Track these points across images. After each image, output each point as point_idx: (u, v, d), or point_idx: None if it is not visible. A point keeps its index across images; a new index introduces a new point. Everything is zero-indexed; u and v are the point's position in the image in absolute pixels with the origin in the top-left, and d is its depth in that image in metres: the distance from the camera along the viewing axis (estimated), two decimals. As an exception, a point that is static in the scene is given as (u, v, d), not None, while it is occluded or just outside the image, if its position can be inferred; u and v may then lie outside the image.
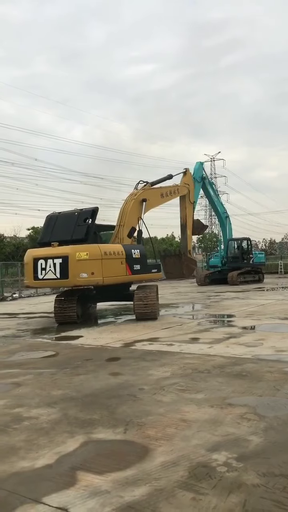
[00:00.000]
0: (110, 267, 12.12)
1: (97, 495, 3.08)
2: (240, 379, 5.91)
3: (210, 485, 3.15)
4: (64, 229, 12.91)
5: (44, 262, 12.22)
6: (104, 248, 12.27)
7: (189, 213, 20.40)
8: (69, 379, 6.34)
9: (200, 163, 27.48)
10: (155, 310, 12.72)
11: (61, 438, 4.15)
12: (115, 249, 12.74)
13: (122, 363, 7.23)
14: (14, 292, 26.93)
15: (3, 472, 3.51)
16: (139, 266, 13.32)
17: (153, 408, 4.89)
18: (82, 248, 11.85)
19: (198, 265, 45.99)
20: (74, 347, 8.96)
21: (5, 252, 42.17)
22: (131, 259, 12.99)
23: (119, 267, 12.49)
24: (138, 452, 3.77)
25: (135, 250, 13.38)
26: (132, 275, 13.06)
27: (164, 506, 2.90)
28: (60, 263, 11.83)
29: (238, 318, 12.21)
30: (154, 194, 16.51)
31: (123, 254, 12.71)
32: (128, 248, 13.29)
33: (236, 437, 3.99)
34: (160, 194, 16.97)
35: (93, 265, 11.72)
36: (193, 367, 6.71)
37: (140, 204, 14.93)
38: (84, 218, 12.83)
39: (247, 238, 32.49)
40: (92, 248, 11.98)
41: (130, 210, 14.47)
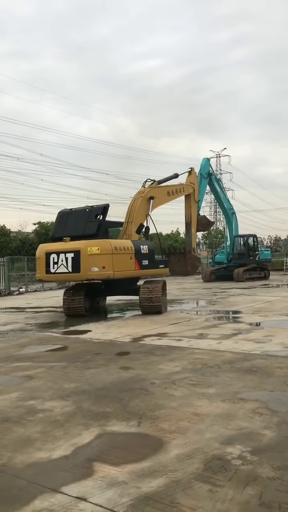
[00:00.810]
0: (120, 261, 12.41)
1: (115, 486, 3.13)
2: (251, 375, 5.95)
3: (226, 478, 3.19)
4: (75, 225, 13.27)
5: (57, 257, 12.59)
6: (115, 244, 12.53)
7: (194, 212, 20.63)
8: (80, 373, 6.40)
9: (207, 159, 27.48)
10: (160, 305, 12.89)
11: (76, 430, 4.20)
12: (125, 244, 13.02)
13: (132, 358, 7.28)
14: (20, 287, 27.07)
15: (21, 462, 3.57)
16: (147, 261, 13.63)
17: (165, 402, 4.93)
18: (93, 243, 12.17)
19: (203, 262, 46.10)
20: (83, 341, 9.03)
21: (11, 247, 42.30)
22: (140, 255, 13.30)
23: (128, 262, 12.80)
24: (153, 445, 3.82)
25: (143, 246, 13.69)
26: (140, 270, 13.39)
27: (181, 497, 2.95)
28: (72, 258, 12.20)
29: (245, 315, 12.23)
30: (161, 192, 16.70)
31: (132, 249, 13.03)
32: (137, 244, 13.60)
33: (250, 431, 4.03)
34: (166, 192, 17.18)
35: (104, 259, 12.04)
36: (203, 362, 6.75)
37: (148, 201, 15.14)
38: (95, 214, 13.16)
39: (253, 235, 32.47)
40: (103, 243, 12.27)
41: (138, 207, 14.68)
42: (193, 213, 20.55)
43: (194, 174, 20.79)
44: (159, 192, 16.43)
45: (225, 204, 29.73)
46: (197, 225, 24.38)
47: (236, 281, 27.82)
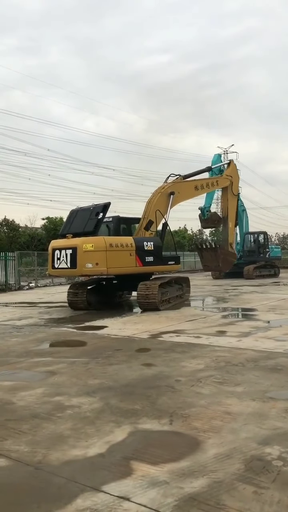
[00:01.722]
0: (117, 258, 12.68)
1: (157, 486, 3.07)
2: (276, 373, 5.88)
3: (269, 479, 3.12)
4: (79, 222, 13.63)
5: (59, 253, 13.15)
6: (110, 240, 12.84)
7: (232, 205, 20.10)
8: (103, 369, 6.35)
9: (218, 155, 27.34)
10: (155, 301, 12.86)
11: (107, 428, 4.15)
12: (123, 241, 13.27)
13: (152, 354, 7.22)
14: (30, 282, 27.10)
15: (57, 459, 3.52)
16: (152, 258, 13.75)
17: (194, 400, 4.87)
18: (88, 240, 12.57)
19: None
20: (101, 337, 8.98)
21: (20, 242, 42.36)
22: (142, 251, 13.46)
23: (127, 259, 13.02)
24: (188, 444, 3.76)
25: (148, 242, 13.80)
26: (143, 266, 13.50)
27: (226, 498, 2.89)
28: (70, 254, 12.70)
29: (260, 312, 12.15)
30: (187, 187, 16.66)
31: (133, 246, 13.22)
32: (140, 240, 13.74)
33: (285, 431, 3.96)
34: (194, 187, 17.10)
35: (97, 256, 12.39)
36: (225, 360, 6.69)
37: (168, 197, 15.07)
38: (96, 212, 13.39)
39: (263, 232, 32.32)
40: (97, 240, 12.62)
41: (156, 203, 14.68)
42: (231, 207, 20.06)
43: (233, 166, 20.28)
44: (183, 186, 16.38)
45: (236, 201, 29.52)
46: (209, 221, 24.27)
47: (246, 279, 27.71)
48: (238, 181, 20.69)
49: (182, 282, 16.05)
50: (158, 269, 14.53)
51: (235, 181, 20.11)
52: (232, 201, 20.02)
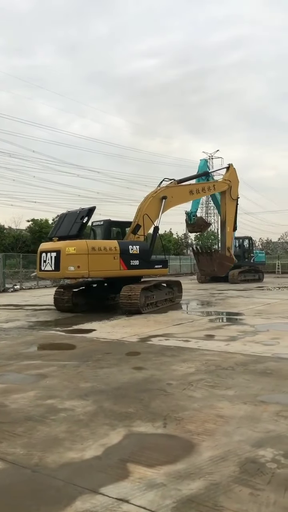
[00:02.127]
0: (100, 261, 12.86)
1: (154, 488, 3.11)
2: (266, 377, 5.97)
3: (264, 481, 3.19)
4: (66, 226, 13.86)
5: (45, 255, 13.35)
6: (93, 244, 13.07)
7: (230, 210, 20.05)
8: (94, 372, 6.37)
9: (205, 161, 27.49)
10: (137, 303, 12.98)
11: (102, 430, 4.17)
12: (107, 245, 13.47)
13: (143, 358, 7.26)
14: (15, 284, 26.89)
15: (53, 462, 3.54)
16: (138, 261, 13.89)
17: (186, 403, 4.93)
18: (71, 244, 12.79)
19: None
20: (90, 340, 8.98)
21: (5, 243, 42.01)
22: (127, 255, 13.61)
23: (111, 262, 13.20)
24: (183, 446, 3.81)
25: (133, 246, 13.95)
26: (128, 270, 13.64)
27: (224, 500, 2.94)
28: (54, 257, 12.90)
29: (247, 316, 12.27)
30: (181, 191, 16.82)
31: (117, 249, 13.37)
32: (125, 244, 13.91)
33: (278, 434, 4.03)
34: (189, 191, 17.25)
35: (79, 259, 12.56)
36: (215, 363, 6.76)
37: (160, 201, 15.24)
38: (82, 216, 13.58)
39: (248, 237, 32.61)
40: (79, 243, 12.83)
41: (147, 207, 14.83)
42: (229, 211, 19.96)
43: (232, 170, 20.21)
44: (177, 191, 16.53)
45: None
46: (195, 226, 24.42)
47: (231, 283, 27.91)
48: (237, 185, 20.63)
49: (173, 285, 16.17)
50: (144, 273, 14.66)
51: (234, 185, 20.10)
52: (230, 206, 20.02)
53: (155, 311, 13.84)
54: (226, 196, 19.67)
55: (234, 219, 20.59)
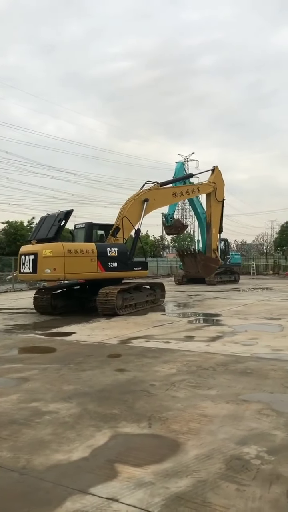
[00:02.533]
0: (76, 264, 12.95)
1: (143, 486, 3.16)
2: (247, 377, 6.08)
3: (249, 477, 3.27)
4: (45, 228, 13.91)
5: (24, 258, 13.47)
6: (69, 247, 13.12)
7: (215, 212, 20.13)
8: (76, 375, 6.37)
9: (181, 163, 27.75)
10: (114, 306, 13.04)
11: (88, 432, 4.20)
12: (84, 247, 13.56)
13: (124, 360, 7.29)
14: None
15: (41, 464, 3.55)
16: (116, 264, 13.98)
17: (170, 403, 4.99)
18: (48, 246, 12.88)
19: (173, 265, 46.40)
20: (70, 343, 8.97)
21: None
22: (104, 257, 13.72)
23: (88, 265, 13.31)
24: (169, 446, 3.87)
25: (111, 249, 14.07)
26: (106, 272, 13.74)
27: (211, 496, 3.01)
28: (32, 259, 13.02)
29: (225, 317, 12.43)
30: (164, 194, 17.02)
31: (94, 252, 13.47)
32: (103, 246, 14.04)
33: (260, 431, 4.13)
34: (172, 193, 17.44)
35: (55, 262, 12.62)
36: (196, 364, 6.84)
37: (141, 204, 15.39)
38: (59, 219, 13.67)
39: (224, 239, 32.91)
40: (55, 246, 12.88)
41: (128, 209, 14.99)
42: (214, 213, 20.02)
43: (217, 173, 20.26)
44: (159, 194, 16.73)
45: (198, 208, 29.98)
46: (172, 228, 24.58)
47: (208, 284, 28.12)
48: (223, 187, 20.75)
49: (155, 287, 16.30)
50: (123, 275, 14.72)
51: (220, 188, 20.22)
52: (215, 207, 20.11)
53: (134, 313, 13.87)
54: (211, 198, 19.83)
55: (220, 221, 20.71)
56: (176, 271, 36.02)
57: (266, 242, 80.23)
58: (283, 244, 72.80)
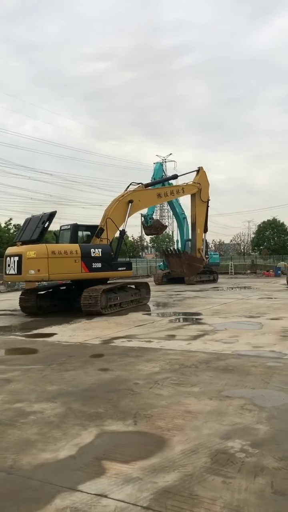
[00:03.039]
0: (60, 265, 13.10)
1: (131, 482, 3.20)
2: (229, 373, 6.18)
3: (235, 470, 3.35)
4: (29, 230, 14.11)
5: (10, 259, 13.62)
6: (53, 248, 13.32)
7: (200, 212, 20.21)
8: (59, 375, 6.37)
9: (160, 164, 27.95)
10: (97, 304, 13.18)
11: (74, 431, 4.22)
12: (68, 248, 13.76)
13: (107, 359, 7.32)
14: None
15: (28, 464, 3.56)
16: (100, 264, 14.17)
17: (154, 401, 5.04)
18: (32, 248, 13.08)
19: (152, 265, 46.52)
20: (52, 344, 8.94)
21: None
22: (88, 258, 13.92)
23: (72, 265, 13.46)
24: (155, 442, 3.92)
25: (95, 249, 14.26)
26: (90, 272, 13.94)
27: (199, 489, 3.07)
28: (17, 261, 13.18)
29: (205, 316, 12.56)
30: (148, 195, 17.32)
31: (78, 253, 13.65)
32: (87, 247, 14.21)
33: (244, 426, 4.22)
34: (157, 194, 17.70)
35: (39, 263, 12.81)
36: (179, 362, 6.92)
37: (126, 205, 15.64)
38: (43, 220, 13.83)
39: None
40: (39, 247, 13.08)
41: (113, 211, 15.23)
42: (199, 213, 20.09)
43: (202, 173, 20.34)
44: (145, 194, 17.01)
45: (177, 208, 30.26)
46: (152, 228, 24.66)
47: (187, 284, 28.32)
48: (208, 188, 20.88)
49: (140, 287, 16.57)
50: (107, 275, 14.86)
51: (205, 188, 20.35)
52: (200, 208, 20.21)
53: (118, 312, 13.95)
54: (196, 198, 19.95)
55: (205, 221, 20.84)
56: (156, 271, 36.18)
57: (243, 242, 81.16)
58: (260, 244, 73.88)
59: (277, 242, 71.62)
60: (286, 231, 72.37)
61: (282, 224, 72.67)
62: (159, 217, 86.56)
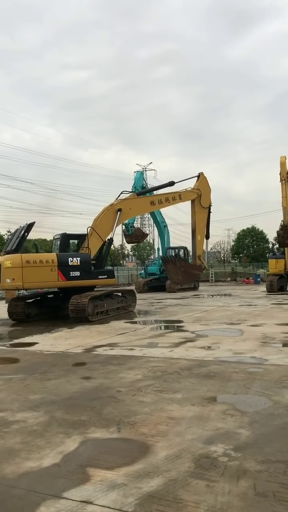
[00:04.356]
0: (35, 274, 13.60)
1: (116, 488, 3.22)
2: (211, 379, 6.25)
3: (218, 473, 3.40)
4: (13, 240, 14.81)
5: None
6: (27, 257, 13.83)
7: (200, 218, 19.77)
8: (41, 384, 6.34)
9: (140, 173, 28.09)
10: (85, 313, 13.52)
11: (58, 439, 4.22)
12: (44, 257, 14.32)
13: (89, 368, 7.32)
14: None
15: (12, 472, 3.55)
16: (79, 272, 14.49)
17: (137, 408, 5.07)
18: (9, 258, 13.71)
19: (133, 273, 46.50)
20: (33, 354, 8.88)
21: None
22: (66, 267, 14.28)
23: (48, 274, 13.90)
24: (139, 448, 3.95)
25: (73, 258, 14.60)
26: (67, 281, 14.29)
27: (183, 493, 3.11)
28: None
29: (187, 323, 12.64)
30: (140, 203, 17.61)
31: (54, 262, 14.09)
32: (64, 256, 14.63)
33: (226, 430, 4.28)
34: (149, 202, 17.84)
35: (14, 272, 13.36)
36: (161, 369, 6.96)
37: (115, 214, 15.83)
38: (22, 230, 14.48)
39: (184, 247, 33.40)
40: (14, 257, 13.64)
41: (100, 220, 15.59)
42: (198, 219, 19.66)
43: (203, 179, 19.98)
44: (135, 202, 17.26)
45: (158, 217, 30.39)
46: (133, 237, 24.69)
47: (169, 292, 28.44)
48: (209, 193, 20.32)
49: (127, 294, 16.88)
50: (86, 283, 14.91)
51: (206, 193, 19.88)
52: (200, 214, 19.74)
53: (100, 320, 13.98)
54: (196, 204, 19.58)
55: (207, 227, 20.43)
56: (137, 279, 36.23)
57: (223, 250, 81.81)
58: (239, 252, 74.59)
59: (256, 250, 72.39)
60: (265, 239, 73.27)
61: (261, 232, 73.56)
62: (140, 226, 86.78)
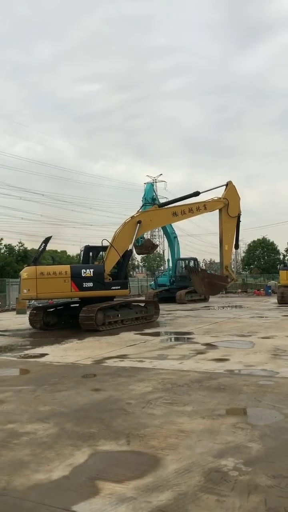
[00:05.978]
0: (49, 285, 14.30)
1: (125, 501, 3.21)
2: (221, 392, 6.20)
3: (228, 488, 3.37)
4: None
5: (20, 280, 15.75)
6: (42, 269, 14.64)
7: (228, 227, 19.26)
8: (51, 396, 6.35)
9: (151, 185, 28.09)
10: (93, 323, 13.94)
11: (67, 451, 4.21)
12: (57, 269, 15.03)
13: (99, 379, 7.31)
14: None
15: (22, 485, 3.54)
16: (92, 283, 14.94)
17: (147, 420, 5.05)
18: (26, 270, 14.97)
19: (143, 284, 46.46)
20: (44, 365, 8.90)
21: None
22: (79, 278, 14.79)
23: (61, 285, 14.49)
24: (149, 461, 3.93)
25: (86, 270, 15.10)
26: (80, 291, 14.82)
27: (193, 508, 3.09)
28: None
29: (197, 335, 12.58)
30: (161, 214, 17.92)
31: (67, 273, 14.70)
32: (78, 268, 15.26)
33: (236, 444, 4.24)
34: (172, 213, 17.92)
35: (30, 283, 14.39)
36: (171, 382, 6.92)
37: (134, 226, 16.15)
38: (41, 244, 15.75)
39: (194, 258, 33.39)
40: (29, 269, 14.78)
41: (121, 232, 16.08)
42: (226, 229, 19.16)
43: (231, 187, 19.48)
44: (156, 214, 17.63)
45: (168, 228, 30.40)
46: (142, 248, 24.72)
47: (179, 303, 28.34)
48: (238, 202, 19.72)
49: (148, 305, 17.48)
50: (99, 294, 15.22)
51: (234, 202, 19.31)
52: (227, 223, 19.19)
53: (112, 332, 14.02)
54: (223, 213, 19.13)
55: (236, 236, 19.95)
56: (147, 290, 36.19)
57: (234, 261, 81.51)
58: (250, 263, 74.31)
59: (267, 261, 72.10)
60: (276, 250, 72.96)
61: (271, 243, 73.29)
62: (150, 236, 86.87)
